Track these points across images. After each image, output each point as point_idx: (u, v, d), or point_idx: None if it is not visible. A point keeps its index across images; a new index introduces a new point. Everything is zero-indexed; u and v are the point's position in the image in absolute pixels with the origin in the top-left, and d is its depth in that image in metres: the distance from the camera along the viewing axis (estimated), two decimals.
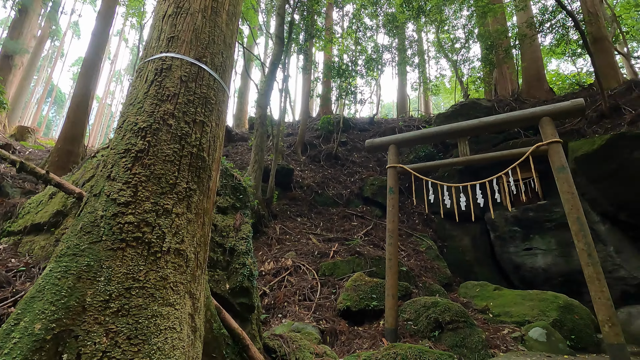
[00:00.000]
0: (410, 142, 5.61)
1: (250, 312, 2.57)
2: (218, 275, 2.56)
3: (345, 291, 5.76)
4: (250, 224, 3.14)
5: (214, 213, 2.91)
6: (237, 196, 3.07)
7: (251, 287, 2.58)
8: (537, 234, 9.56)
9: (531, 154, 4.76)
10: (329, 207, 10.83)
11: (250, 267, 2.62)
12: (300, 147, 13.70)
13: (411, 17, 11.95)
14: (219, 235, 2.71)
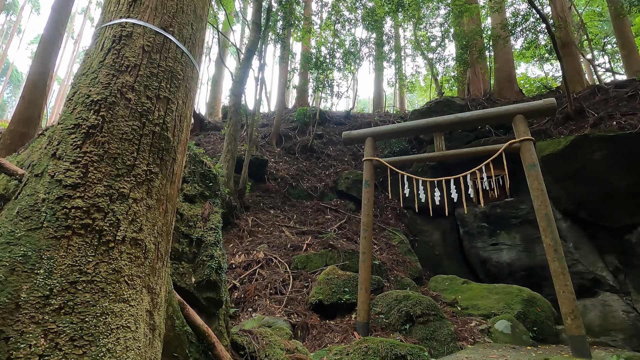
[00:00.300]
0: (387, 135, 5.57)
1: (217, 307, 2.41)
2: (183, 267, 2.37)
3: (317, 285, 5.67)
4: (221, 214, 2.96)
5: (181, 201, 2.70)
6: (207, 184, 2.87)
7: (219, 280, 2.41)
8: (503, 229, 9.91)
9: (504, 151, 4.83)
10: (303, 200, 10.70)
11: (219, 259, 2.45)
12: (275, 138, 13.44)
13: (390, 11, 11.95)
14: (185, 225, 2.51)
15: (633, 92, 7.98)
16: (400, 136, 5.27)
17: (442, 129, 5.23)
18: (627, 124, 7.31)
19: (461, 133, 11.55)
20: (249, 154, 9.34)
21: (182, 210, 2.55)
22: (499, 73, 12.99)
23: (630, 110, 7.61)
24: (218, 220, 2.67)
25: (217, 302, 2.38)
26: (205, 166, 2.92)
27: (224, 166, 8.60)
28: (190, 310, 2.01)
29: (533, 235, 9.44)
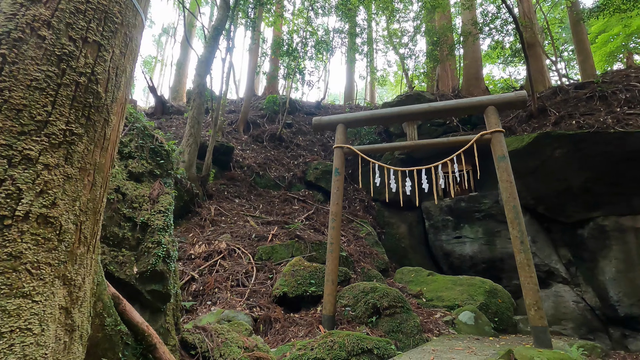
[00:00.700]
0: (360, 122, 5.37)
1: (164, 302, 2.08)
2: (124, 256, 2.02)
3: (282, 276, 5.41)
4: (183, 202, 2.61)
5: (124, 179, 2.32)
6: (157, 161, 2.50)
7: (167, 271, 2.08)
8: (467, 223, 10.14)
9: (475, 142, 4.79)
10: (270, 190, 10.35)
11: (168, 246, 2.11)
12: (243, 125, 12.91)
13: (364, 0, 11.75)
14: (128, 207, 2.15)
15: (591, 94, 8.34)
16: (373, 124, 5.08)
17: (414, 118, 5.10)
18: (585, 124, 7.62)
19: (429, 128, 11.66)
20: (214, 140, 8.83)
21: (125, 189, 2.18)
22: (467, 70, 13.24)
23: (589, 111, 7.94)
24: (169, 202, 2.32)
25: (163, 296, 2.05)
26: (156, 141, 2.55)
27: (185, 151, 8.06)
28: (128, 306, 1.68)
29: (494, 229, 9.74)
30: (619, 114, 7.43)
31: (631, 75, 8.40)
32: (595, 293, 8.04)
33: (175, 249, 2.21)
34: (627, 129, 7.06)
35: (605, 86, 8.34)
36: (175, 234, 6.85)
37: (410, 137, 5.10)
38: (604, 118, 7.51)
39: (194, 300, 5.08)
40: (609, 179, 7.55)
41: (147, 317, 1.94)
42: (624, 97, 7.80)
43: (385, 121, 5.18)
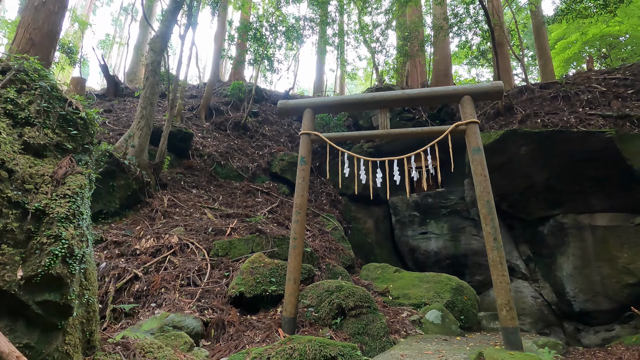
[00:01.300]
0: (329, 107, 4.95)
1: (63, 316, 1.55)
2: (3, 254, 1.46)
3: (240, 274, 4.91)
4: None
5: (16, 152, 1.73)
6: (69, 132, 1.93)
7: (68, 275, 1.54)
8: (433, 219, 10.10)
9: (450, 133, 4.53)
10: (231, 181, 9.71)
11: (71, 242, 1.57)
12: (205, 111, 12.08)
13: None
14: (15, 188, 1.58)
15: (555, 94, 8.49)
16: (343, 110, 4.69)
17: (387, 105, 4.76)
18: (550, 122, 7.70)
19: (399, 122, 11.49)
20: (170, 124, 8.05)
21: (12, 164, 1.60)
22: (437, 67, 13.24)
23: (553, 110, 8.06)
24: (80, 184, 1.77)
25: (61, 309, 1.51)
26: (69, 106, 1.96)
27: (135, 135, 7.26)
28: None
29: (459, 225, 9.77)
30: (581, 114, 7.58)
31: (592, 77, 8.64)
32: (553, 289, 8.25)
33: (82, 245, 1.67)
34: (589, 129, 7.20)
35: (568, 87, 8.52)
36: (120, 227, 6.11)
37: (382, 125, 4.75)
38: (567, 117, 7.63)
39: (136, 302, 4.46)
40: (570, 178, 7.70)
41: (35, 338, 1.40)
42: (586, 98, 7.98)
43: (357, 107, 4.80)
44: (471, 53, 16.60)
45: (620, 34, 15.53)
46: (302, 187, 4.67)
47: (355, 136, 4.91)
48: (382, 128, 4.74)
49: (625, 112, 7.15)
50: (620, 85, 7.92)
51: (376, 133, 4.71)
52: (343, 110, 4.66)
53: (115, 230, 5.88)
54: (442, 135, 4.52)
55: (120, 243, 5.47)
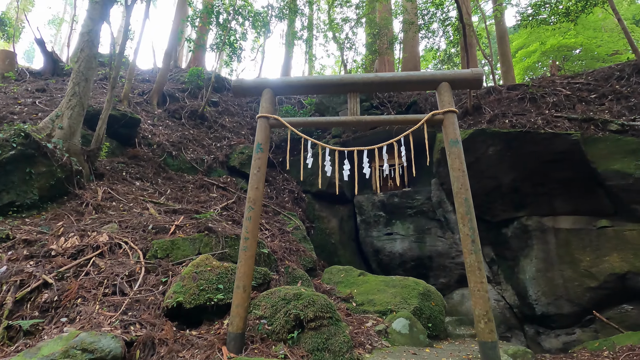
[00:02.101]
0: (292, 88, 4.31)
1: None
2: None
3: (180, 280, 4.13)
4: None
5: None
6: None
7: None
8: (399, 219, 9.77)
9: (426, 123, 4.06)
10: (183, 173, 8.77)
11: None
12: (157, 97, 10.96)
13: None
14: None
15: (522, 96, 8.44)
16: (307, 92, 4.08)
17: (358, 89, 4.21)
18: (517, 123, 7.59)
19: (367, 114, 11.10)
20: (110, 105, 7.00)
21: None
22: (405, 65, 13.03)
23: (521, 111, 7.97)
24: None
25: None
26: None
27: (65, 115, 6.19)
28: None
29: (425, 226, 9.50)
30: (548, 116, 7.53)
31: (556, 81, 8.71)
32: (515, 292, 8.17)
33: None
34: (556, 131, 7.14)
35: (535, 89, 8.51)
36: (36, 223, 5.07)
37: (352, 112, 4.19)
38: (535, 119, 7.55)
39: (42, 316, 3.55)
40: (536, 179, 7.63)
41: None
42: (552, 100, 7.97)
43: (324, 89, 4.20)
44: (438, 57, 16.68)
45: (576, 46, 16.26)
46: (257, 178, 3.99)
47: (321, 122, 4.31)
48: (351, 114, 4.18)
49: (589, 115, 7.17)
50: (583, 89, 7.99)
51: (345, 119, 4.14)
52: (308, 92, 4.04)
53: (29, 227, 4.86)
54: (417, 124, 4.04)
55: (32, 242, 4.48)
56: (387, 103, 11.28)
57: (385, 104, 11.22)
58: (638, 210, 6.36)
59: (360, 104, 4.21)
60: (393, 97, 11.60)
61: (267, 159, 4.19)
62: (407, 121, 4.18)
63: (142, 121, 9.56)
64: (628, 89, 7.40)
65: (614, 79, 7.83)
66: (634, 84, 7.44)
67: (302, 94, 4.22)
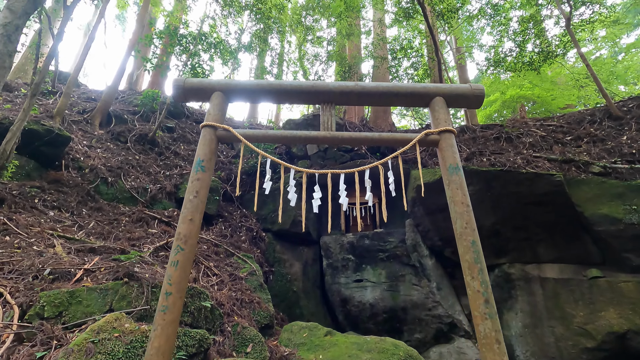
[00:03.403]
0: (249, 93, 3.36)
1: None
2: None
3: (64, 357, 2.76)
4: None
5: None
6: None
7: None
8: (369, 264, 8.75)
9: (418, 143, 3.23)
10: (119, 204, 7.33)
11: None
12: (101, 117, 9.62)
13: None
14: None
15: (498, 135, 8.13)
16: (271, 99, 3.18)
17: (333, 99, 3.36)
18: (497, 162, 7.12)
19: (336, 153, 10.40)
20: (26, 116, 5.67)
21: None
22: (376, 108, 12.74)
23: (498, 150, 7.57)
24: None
25: None
26: None
27: None
28: None
29: (398, 272, 8.52)
30: (527, 156, 7.14)
31: (529, 123, 8.55)
32: None
33: None
34: (537, 171, 6.69)
35: (510, 129, 8.25)
36: None
37: (325, 125, 3.30)
38: (514, 158, 7.13)
39: None
40: (517, 223, 7.04)
41: None
42: (528, 141, 7.68)
43: (291, 97, 3.30)
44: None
45: (533, 98, 17.11)
46: (193, 206, 2.87)
47: (286, 137, 3.33)
48: (324, 129, 3.28)
49: (569, 157, 6.84)
50: (558, 131, 7.80)
51: (317, 135, 3.22)
52: (270, 100, 3.11)
53: None
54: (408, 144, 3.19)
55: None
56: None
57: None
58: (630, 259, 5.83)
59: (323, 153, 3.36)
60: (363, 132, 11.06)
61: (209, 180, 3.11)
62: (393, 141, 3.33)
63: (76, 141, 8.14)
64: (602, 132, 7.26)
65: (586, 123, 7.73)
66: (607, 128, 7.33)
67: (263, 100, 3.29)
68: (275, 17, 12.86)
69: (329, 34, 13.25)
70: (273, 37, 14.09)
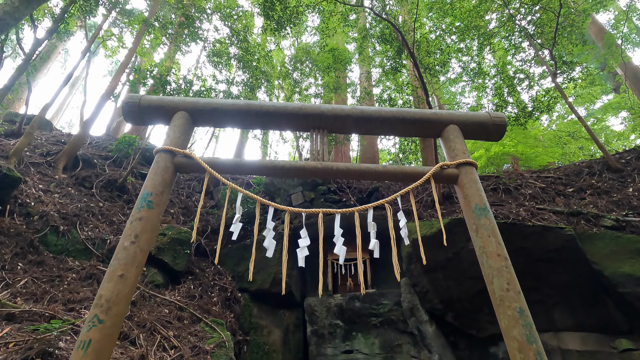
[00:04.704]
0: (222, 115, 2.71)
1: None
2: None
3: None
4: None
5: None
6: None
7: None
8: (360, 331, 7.60)
9: (432, 178, 2.57)
10: (68, 257, 6.22)
11: None
12: (67, 160, 8.78)
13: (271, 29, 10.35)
14: None
15: (495, 186, 7.67)
16: (247, 126, 2.46)
17: (325, 124, 2.74)
18: (499, 214, 6.53)
19: (323, 204, 9.69)
20: None
21: None
22: (364, 154, 12.45)
23: (498, 201, 7.03)
24: None
25: None
26: None
27: None
28: None
29: (394, 341, 7.38)
30: (530, 208, 6.59)
31: (525, 175, 8.18)
32: None
33: None
34: (544, 224, 6.10)
35: (507, 181, 7.82)
36: None
37: (316, 155, 2.63)
38: (517, 210, 6.56)
39: None
40: (528, 283, 6.22)
41: None
42: (528, 192, 7.20)
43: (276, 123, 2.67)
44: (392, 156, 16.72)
45: (517, 155, 17.33)
46: (129, 256, 2.02)
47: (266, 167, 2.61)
48: (314, 159, 2.60)
49: (576, 209, 6.32)
50: (558, 183, 7.40)
51: (305, 165, 2.52)
52: (249, 124, 2.44)
53: None
54: (421, 179, 2.52)
55: None
56: (345, 189, 10.11)
57: (344, 189, 10.03)
58: None
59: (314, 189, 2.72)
60: (352, 183, 10.53)
61: (157, 222, 2.29)
62: (401, 175, 2.65)
63: (29, 184, 7.20)
64: (604, 184, 6.88)
65: (585, 174, 7.39)
66: (608, 180, 6.98)
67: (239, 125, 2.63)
68: (263, 70, 12.92)
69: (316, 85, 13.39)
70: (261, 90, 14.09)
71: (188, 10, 11.97)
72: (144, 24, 11.33)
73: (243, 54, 11.77)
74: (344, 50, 13.03)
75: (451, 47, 11.89)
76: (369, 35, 10.84)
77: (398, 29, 7.67)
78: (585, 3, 10.45)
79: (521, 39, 10.88)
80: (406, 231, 2.54)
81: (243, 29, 11.83)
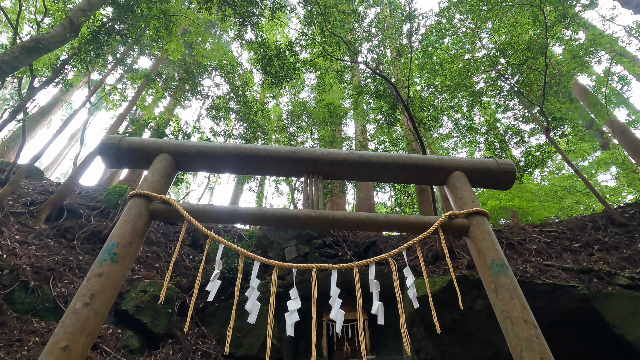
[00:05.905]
0: (208, 158, 2.49)
1: None
2: None
3: None
4: None
5: None
6: None
7: None
8: None
9: (440, 228, 2.29)
10: (35, 317, 5.60)
11: None
12: (51, 210, 8.41)
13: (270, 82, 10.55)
14: None
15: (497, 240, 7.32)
16: (236, 170, 2.24)
17: (320, 169, 2.52)
18: None
19: (318, 258, 9.21)
20: None
21: None
22: (360, 206, 12.21)
23: None
24: None
25: None
26: None
27: None
28: None
29: None
30: (537, 264, 6.22)
31: (528, 229, 7.90)
32: None
33: None
34: (555, 282, 5.69)
35: (510, 235, 7.52)
36: None
37: (310, 202, 2.37)
38: (523, 266, 6.18)
39: None
40: None
41: None
42: (533, 248, 6.87)
43: (268, 167, 2.46)
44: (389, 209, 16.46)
45: (513, 209, 17.20)
46: (78, 322, 1.66)
47: (253, 216, 2.33)
48: (308, 206, 2.34)
49: (587, 266, 5.96)
50: (562, 237, 7.11)
51: (299, 213, 2.25)
52: (239, 169, 2.22)
53: None
54: (428, 230, 2.24)
55: None
56: (342, 242, 9.71)
57: (339, 243, 9.63)
58: None
59: (309, 243, 2.47)
60: (349, 236, 10.15)
61: (121, 279, 1.95)
62: (405, 225, 2.37)
63: (5, 235, 6.77)
64: (611, 239, 6.59)
65: (589, 229, 7.13)
66: (614, 235, 6.70)
67: (229, 171, 2.42)
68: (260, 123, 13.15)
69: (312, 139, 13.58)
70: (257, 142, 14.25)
71: (190, 67, 12.48)
72: (146, 78, 11.70)
73: (241, 108, 12.04)
74: (339, 105, 13.45)
75: (443, 105, 12.32)
76: (364, 92, 11.22)
77: (392, 83, 7.90)
78: (569, 65, 11.04)
79: (511, 97, 11.29)
80: (414, 291, 2.20)
81: (242, 84, 12.24)
